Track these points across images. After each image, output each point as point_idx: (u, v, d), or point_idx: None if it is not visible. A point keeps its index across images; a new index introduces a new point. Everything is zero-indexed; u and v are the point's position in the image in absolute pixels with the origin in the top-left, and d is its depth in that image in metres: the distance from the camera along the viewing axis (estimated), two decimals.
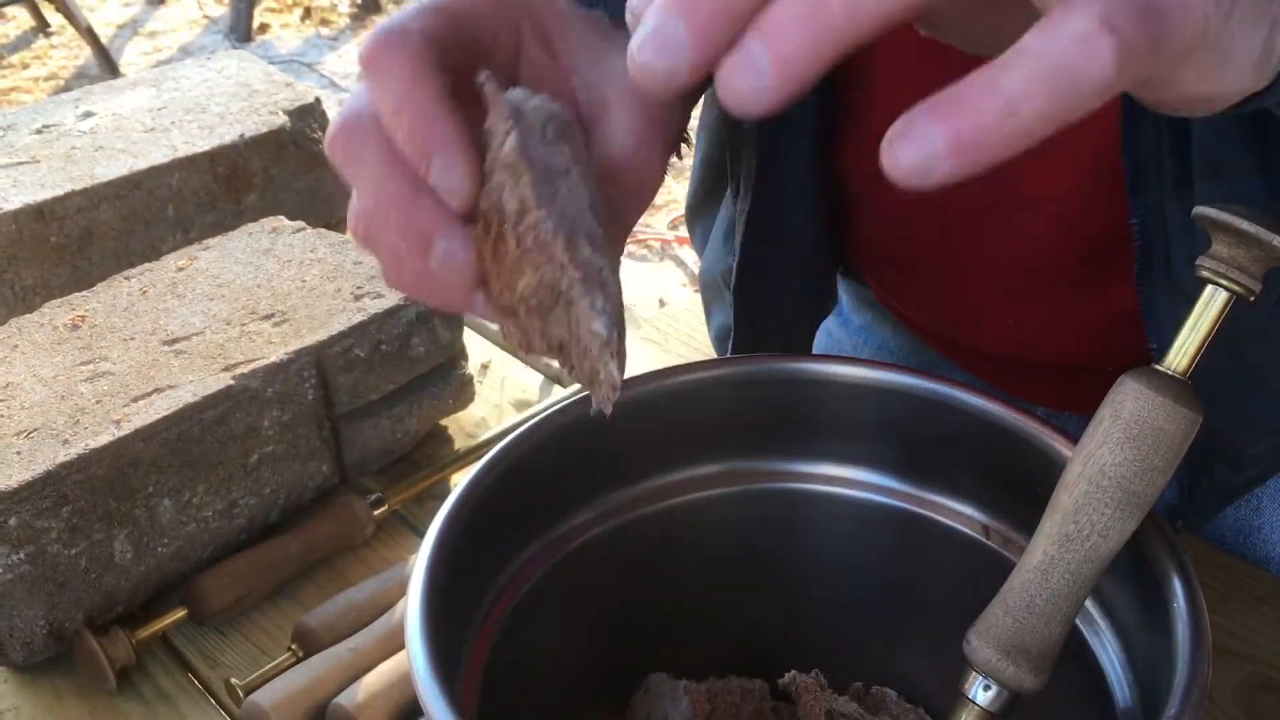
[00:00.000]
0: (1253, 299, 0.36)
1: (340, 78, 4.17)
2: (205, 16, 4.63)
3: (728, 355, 0.66)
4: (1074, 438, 0.39)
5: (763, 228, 0.61)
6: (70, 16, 4.03)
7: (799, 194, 0.60)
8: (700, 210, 0.75)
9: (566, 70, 0.41)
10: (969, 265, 0.61)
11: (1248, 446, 0.59)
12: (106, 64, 4.11)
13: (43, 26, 4.44)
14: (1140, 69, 0.26)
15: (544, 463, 0.46)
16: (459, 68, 0.37)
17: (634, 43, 0.28)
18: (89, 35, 4.08)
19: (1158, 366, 0.37)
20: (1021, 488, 0.43)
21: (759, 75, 0.27)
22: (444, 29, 0.37)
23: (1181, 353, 0.37)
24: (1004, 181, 0.50)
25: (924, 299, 0.68)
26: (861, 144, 0.58)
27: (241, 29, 4.41)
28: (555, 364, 0.84)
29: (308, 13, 4.66)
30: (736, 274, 0.63)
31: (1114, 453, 0.36)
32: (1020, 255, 0.59)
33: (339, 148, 0.37)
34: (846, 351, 0.81)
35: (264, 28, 4.53)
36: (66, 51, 4.30)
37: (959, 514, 0.48)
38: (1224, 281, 0.36)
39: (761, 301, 0.64)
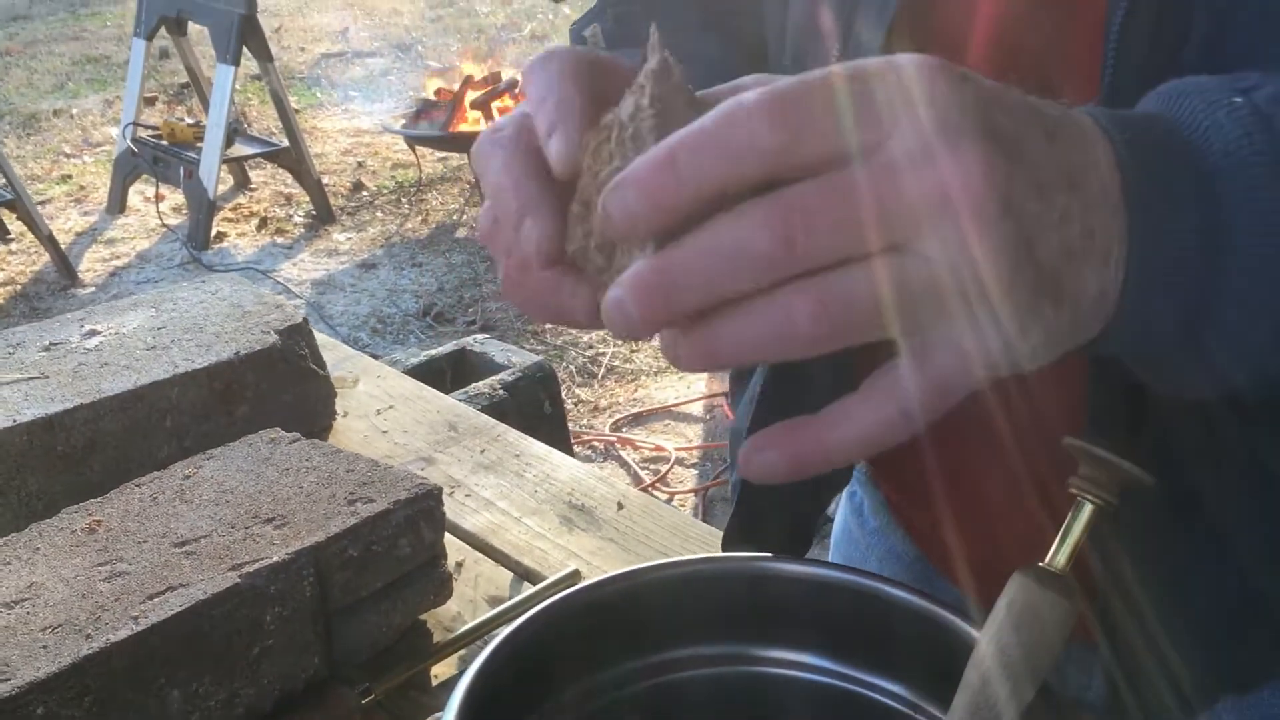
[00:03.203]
0: (1113, 511, 0.46)
1: (295, 284, 4.30)
2: (164, 226, 4.77)
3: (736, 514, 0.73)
4: (981, 624, 0.48)
5: (778, 396, 0.68)
6: (31, 224, 4.13)
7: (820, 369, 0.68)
8: (740, 378, 0.80)
9: None
10: (975, 489, 0.68)
11: None
12: (65, 270, 4.20)
13: (2, 234, 4.54)
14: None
15: (537, 650, 0.53)
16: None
17: (608, 298, 0.38)
18: (49, 243, 4.18)
19: (1042, 565, 0.46)
20: (942, 668, 0.51)
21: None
22: (593, 61, 0.46)
23: (1061, 552, 0.46)
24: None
25: (931, 506, 0.73)
26: None
27: (200, 238, 4.55)
28: (524, 561, 0.91)
29: (263, 223, 4.83)
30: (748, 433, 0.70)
31: (1010, 636, 0.45)
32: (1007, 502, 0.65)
33: (476, 150, 0.46)
34: (859, 548, 0.87)
35: (220, 236, 4.68)
36: (24, 257, 4.40)
37: (892, 693, 0.56)
38: (1089, 496, 0.46)
39: None
